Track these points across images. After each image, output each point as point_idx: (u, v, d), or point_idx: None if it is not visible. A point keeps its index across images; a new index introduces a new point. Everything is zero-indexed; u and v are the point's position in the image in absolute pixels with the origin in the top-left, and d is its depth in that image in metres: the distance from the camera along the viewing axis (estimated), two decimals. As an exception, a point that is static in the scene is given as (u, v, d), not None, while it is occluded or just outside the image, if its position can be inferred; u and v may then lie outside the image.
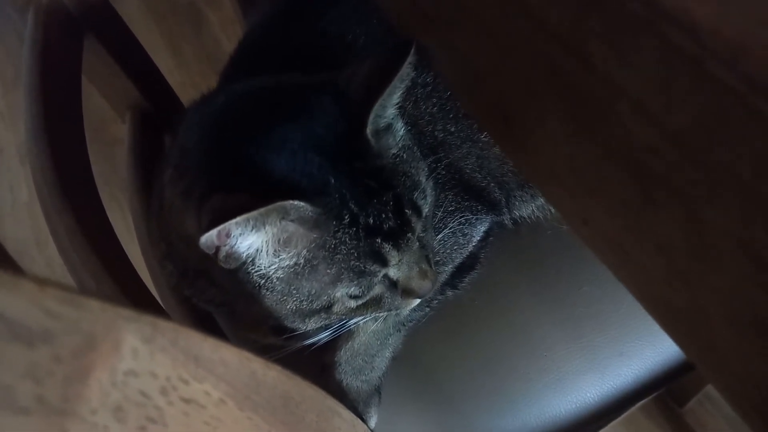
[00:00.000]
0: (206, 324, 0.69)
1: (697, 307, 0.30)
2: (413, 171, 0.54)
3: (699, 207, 0.28)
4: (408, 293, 0.55)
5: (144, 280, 0.59)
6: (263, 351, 0.58)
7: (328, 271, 0.50)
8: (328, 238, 0.48)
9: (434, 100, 0.66)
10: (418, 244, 0.53)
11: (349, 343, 0.64)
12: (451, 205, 0.66)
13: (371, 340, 0.65)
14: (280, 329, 0.61)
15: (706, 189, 0.26)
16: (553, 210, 0.71)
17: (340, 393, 0.64)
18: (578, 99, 0.32)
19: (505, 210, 0.72)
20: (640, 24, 0.23)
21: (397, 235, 0.51)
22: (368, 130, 0.50)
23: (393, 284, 0.54)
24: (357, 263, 0.50)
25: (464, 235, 0.67)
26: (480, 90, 0.43)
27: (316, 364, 0.65)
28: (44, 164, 0.58)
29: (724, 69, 0.20)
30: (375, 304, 0.55)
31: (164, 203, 0.55)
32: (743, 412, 0.31)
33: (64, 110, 0.65)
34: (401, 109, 0.54)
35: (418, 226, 0.52)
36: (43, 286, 0.18)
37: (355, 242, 0.49)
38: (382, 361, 0.66)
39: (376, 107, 0.49)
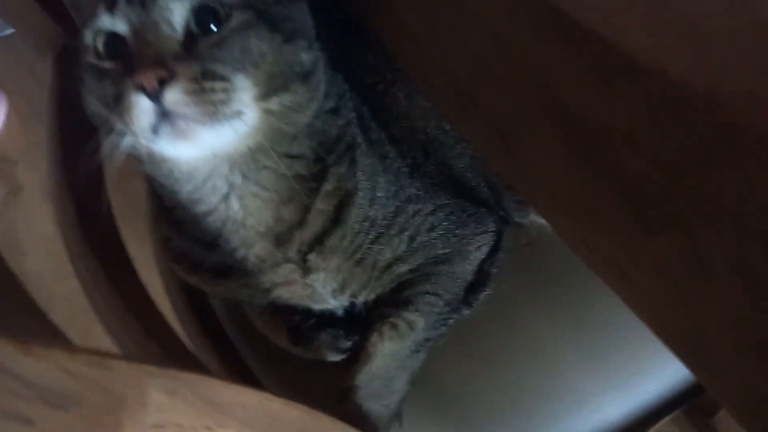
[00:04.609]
0: (228, 350, 0.70)
1: (701, 330, 0.31)
2: None
3: (695, 233, 0.28)
4: (134, 64, 0.48)
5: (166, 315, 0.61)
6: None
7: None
8: None
9: None
10: (172, 9, 0.49)
11: (367, 366, 0.65)
12: (440, 199, 0.66)
13: (388, 363, 0.65)
14: (297, 334, 0.64)
15: (700, 216, 0.27)
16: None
17: (360, 418, 0.64)
18: (571, 125, 0.33)
19: (498, 208, 0.72)
20: (623, 74, 0.24)
21: None
22: None
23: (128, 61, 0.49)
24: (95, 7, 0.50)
25: (456, 235, 0.67)
26: (476, 112, 0.44)
27: (336, 389, 0.66)
28: (66, 206, 0.60)
29: (700, 116, 0.21)
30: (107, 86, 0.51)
31: None
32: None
33: (83, 150, 0.67)
34: None
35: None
36: (72, 353, 0.19)
37: None
38: (400, 384, 0.66)
39: None
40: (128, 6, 0.49)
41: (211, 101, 0.47)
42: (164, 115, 0.47)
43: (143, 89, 0.46)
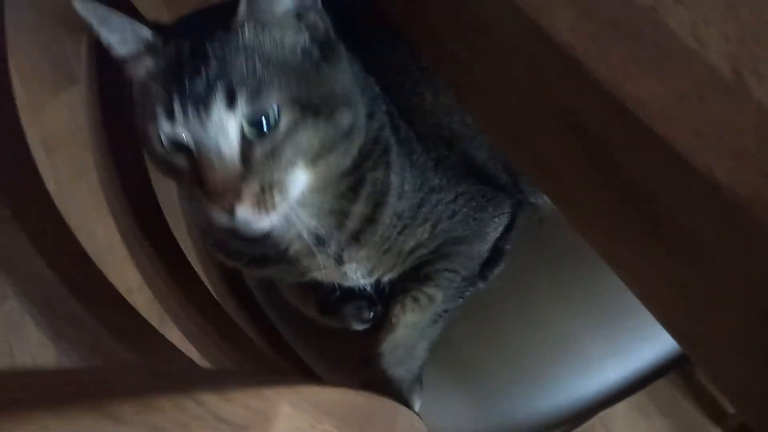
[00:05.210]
0: (264, 323, 0.76)
1: (712, 336, 0.36)
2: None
3: (705, 259, 0.33)
4: (205, 187, 0.53)
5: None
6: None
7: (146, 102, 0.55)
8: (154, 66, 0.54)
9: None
10: (227, 125, 0.51)
11: (390, 335, 0.71)
12: (461, 187, 0.71)
13: (410, 332, 0.72)
14: (324, 306, 0.71)
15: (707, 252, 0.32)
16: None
17: (386, 382, 0.71)
18: (594, 150, 0.37)
19: (515, 191, 0.77)
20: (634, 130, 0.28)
21: (197, 97, 0.51)
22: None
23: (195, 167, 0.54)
24: (152, 101, 0.53)
25: (474, 219, 0.73)
26: (509, 133, 0.48)
27: (361, 356, 0.73)
28: (118, 193, 0.64)
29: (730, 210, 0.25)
30: (175, 173, 0.56)
31: None
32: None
33: (128, 136, 0.70)
34: None
35: (219, 104, 0.51)
36: (243, 388, 0.24)
37: (162, 75, 0.53)
38: (421, 351, 0.73)
39: None
40: (185, 120, 0.51)
41: (272, 203, 0.53)
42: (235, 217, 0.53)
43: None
